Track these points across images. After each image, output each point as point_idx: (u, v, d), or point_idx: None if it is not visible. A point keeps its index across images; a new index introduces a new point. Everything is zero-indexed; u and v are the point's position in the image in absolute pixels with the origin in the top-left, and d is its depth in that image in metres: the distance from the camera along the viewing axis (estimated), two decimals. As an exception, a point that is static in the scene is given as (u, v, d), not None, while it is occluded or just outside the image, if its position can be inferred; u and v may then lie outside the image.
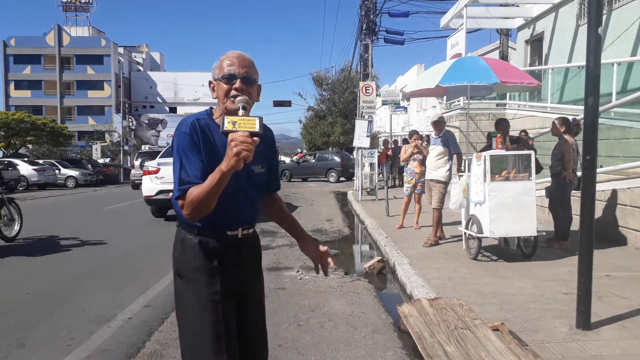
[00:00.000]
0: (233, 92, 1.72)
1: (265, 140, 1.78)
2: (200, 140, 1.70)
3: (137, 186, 22.13)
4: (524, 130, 9.61)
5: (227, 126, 1.53)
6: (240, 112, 1.64)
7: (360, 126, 12.65)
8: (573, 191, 6.30)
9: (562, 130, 6.26)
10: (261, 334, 1.99)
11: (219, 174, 1.56)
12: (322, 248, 2.01)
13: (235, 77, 1.73)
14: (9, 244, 7.63)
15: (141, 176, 21.40)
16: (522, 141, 6.58)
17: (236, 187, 1.72)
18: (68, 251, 7.18)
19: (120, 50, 56.83)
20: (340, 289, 5.03)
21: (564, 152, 6.14)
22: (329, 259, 2.01)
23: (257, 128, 1.54)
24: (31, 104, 52.37)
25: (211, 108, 1.85)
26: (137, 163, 22.06)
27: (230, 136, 1.53)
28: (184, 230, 1.81)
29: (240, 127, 1.53)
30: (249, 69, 1.76)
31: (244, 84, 1.74)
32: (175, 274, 1.84)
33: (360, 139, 12.61)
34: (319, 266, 2.03)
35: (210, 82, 1.83)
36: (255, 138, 1.53)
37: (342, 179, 23.31)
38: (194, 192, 1.63)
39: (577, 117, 6.65)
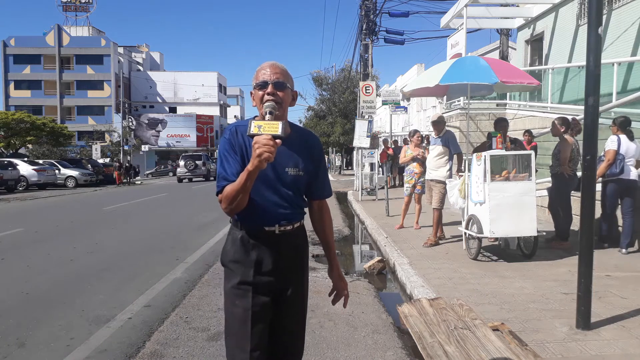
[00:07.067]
0: (266, 97, 1.84)
1: (302, 144, 1.93)
2: (237, 144, 1.87)
3: (180, 180, 29.78)
4: (527, 131, 9.59)
5: (253, 130, 1.69)
6: (267, 117, 1.76)
7: (360, 126, 12.63)
8: (573, 191, 6.30)
9: (562, 130, 6.26)
10: (296, 342, 2.01)
11: (246, 173, 1.71)
12: (345, 292, 2.15)
13: (268, 83, 1.85)
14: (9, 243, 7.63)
15: (185, 173, 29.49)
16: (518, 142, 6.60)
17: (267, 185, 1.87)
18: (67, 251, 7.17)
19: (120, 50, 56.70)
20: (340, 289, 5.02)
21: (561, 149, 6.15)
22: (343, 298, 2.17)
23: (279, 132, 1.67)
24: (31, 104, 52.28)
25: (255, 116, 1.96)
26: (182, 163, 29.92)
27: (254, 139, 1.67)
28: (233, 227, 1.96)
29: (264, 130, 1.68)
30: (280, 75, 1.88)
31: (275, 88, 1.85)
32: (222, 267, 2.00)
33: (360, 139, 12.60)
34: (333, 295, 2.16)
35: (251, 93, 1.95)
36: (277, 140, 1.67)
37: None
38: (228, 188, 1.79)
39: (577, 117, 6.62)
